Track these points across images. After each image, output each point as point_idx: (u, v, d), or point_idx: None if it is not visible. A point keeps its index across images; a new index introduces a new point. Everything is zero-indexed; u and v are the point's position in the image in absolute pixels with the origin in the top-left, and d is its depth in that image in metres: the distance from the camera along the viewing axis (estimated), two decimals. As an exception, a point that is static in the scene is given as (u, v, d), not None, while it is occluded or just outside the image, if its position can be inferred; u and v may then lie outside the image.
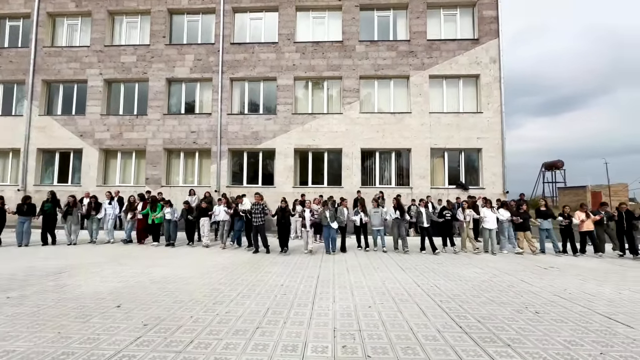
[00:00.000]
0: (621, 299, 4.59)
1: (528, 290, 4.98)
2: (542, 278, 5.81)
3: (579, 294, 4.84)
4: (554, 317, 3.84)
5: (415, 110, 13.11)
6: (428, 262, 7.18)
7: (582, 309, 4.13)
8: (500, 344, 3.10)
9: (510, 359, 2.81)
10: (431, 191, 12.52)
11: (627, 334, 3.36)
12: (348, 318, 3.72)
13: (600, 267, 6.97)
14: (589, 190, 32.24)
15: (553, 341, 3.17)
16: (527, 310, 4.08)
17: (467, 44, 13.28)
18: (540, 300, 4.48)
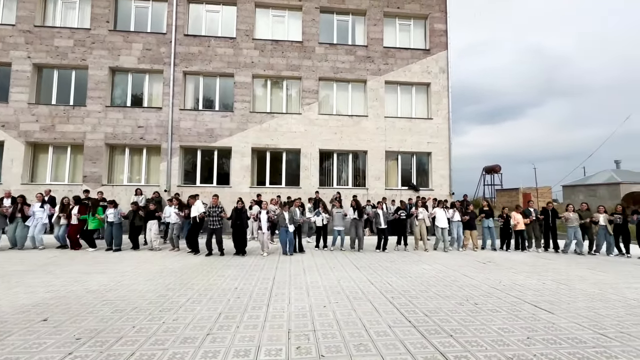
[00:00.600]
0: (545, 289, 5.19)
1: (469, 284, 5.41)
2: (481, 272, 6.36)
3: (511, 285, 5.38)
4: (490, 307, 4.22)
5: (372, 114, 13.58)
6: (382, 261, 7.46)
7: (513, 299, 4.59)
8: (444, 334, 3.33)
9: (451, 347, 3.02)
10: (385, 192, 13.05)
11: (549, 319, 3.81)
12: (303, 319, 3.71)
13: (529, 260, 7.82)
14: (520, 192, 36.02)
15: (489, 329, 3.48)
16: (468, 302, 4.43)
17: (419, 53, 14.09)
18: (479, 293, 4.90)
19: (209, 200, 8.66)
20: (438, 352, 2.94)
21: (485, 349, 3.01)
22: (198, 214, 8.07)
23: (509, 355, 2.88)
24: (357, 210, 8.90)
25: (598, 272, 6.56)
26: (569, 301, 4.52)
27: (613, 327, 3.59)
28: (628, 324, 3.70)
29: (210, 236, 7.86)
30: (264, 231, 8.20)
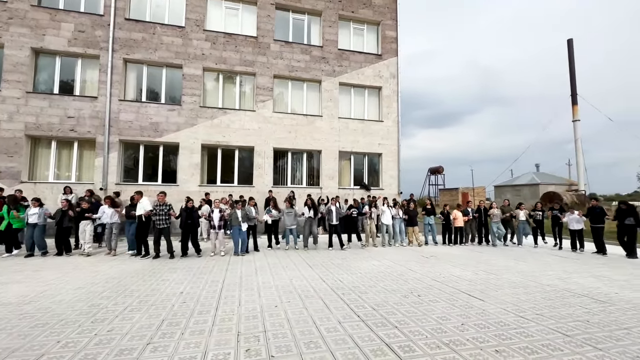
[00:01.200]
0: (477, 279, 5.74)
1: (413, 278, 5.78)
2: (424, 266, 6.82)
3: (449, 277, 5.86)
4: (431, 298, 4.55)
5: (326, 114, 13.78)
6: (334, 258, 7.62)
7: (451, 289, 5.01)
8: (390, 326, 3.51)
9: (396, 338, 3.20)
10: (339, 191, 13.35)
11: (480, 306, 4.22)
12: (254, 320, 3.64)
13: (465, 254, 8.59)
14: (460, 192, 39.43)
15: (429, 319, 3.75)
16: (412, 294, 4.73)
17: (372, 58, 14.63)
18: (422, 285, 5.26)
19: (153, 198, 8.05)
20: (384, 343, 3.09)
21: (426, 337, 3.25)
22: (144, 212, 7.45)
23: (445, 341, 3.14)
24: (313, 209, 8.98)
25: (520, 262, 7.45)
26: (496, 289, 5.06)
27: (531, 310, 4.10)
28: (542, 306, 4.26)
29: (157, 237, 7.33)
30: (217, 230, 7.90)
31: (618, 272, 6.43)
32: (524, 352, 2.93)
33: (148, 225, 7.61)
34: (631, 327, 3.55)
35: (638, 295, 4.84)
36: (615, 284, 5.47)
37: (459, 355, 2.87)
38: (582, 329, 3.50)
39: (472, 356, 2.85)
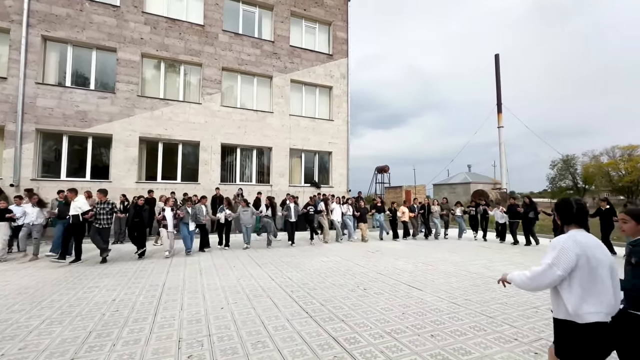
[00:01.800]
0: (417, 270, 6.19)
1: (360, 272, 6.02)
2: (370, 260, 7.15)
3: (392, 270, 6.22)
4: (375, 291, 4.79)
5: (277, 111, 13.61)
6: (283, 256, 7.58)
7: (393, 282, 5.33)
8: (337, 320, 3.61)
9: (343, 332, 3.30)
10: (289, 189, 13.30)
11: (419, 296, 4.56)
12: (197, 324, 3.46)
13: (407, 248, 9.20)
14: (404, 189, 42.07)
15: (374, 310, 3.94)
16: (358, 288, 4.92)
17: (323, 57, 14.81)
18: (368, 279, 5.50)
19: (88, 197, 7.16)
20: (331, 337, 3.17)
21: (370, 328, 3.41)
22: (82, 211, 6.57)
23: (388, 330, 3.33)
24: (271, 208, 8.92)
25: (453, 254, 8.21)
26: (433, 279, 5.51)
27: (461, 296, 4.55)
28: (470, 292, 4.75)
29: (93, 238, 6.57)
30: (169, 230, 7.38)
31: (529, 259, 7.44)
32: (454, 335, 3.24)
33: (84, 226, 6.77)
34: (539, 306, 4.14)
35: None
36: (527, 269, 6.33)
37: (399, 342, 3.07)
38: (501, 310, 3.99)
39: (410, 342, 3.07)
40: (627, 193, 32.17)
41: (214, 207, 10.52)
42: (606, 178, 34.19)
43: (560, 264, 1.76)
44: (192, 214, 7.61)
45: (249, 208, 8.90)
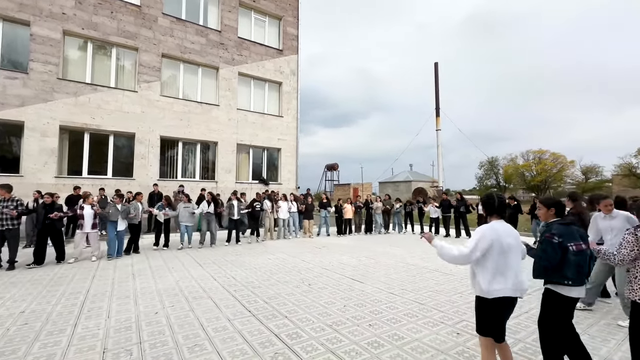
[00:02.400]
0: (360, 264, 6.47)
1: (306, 268, 6.09)
2: (316, 256, 7.27)
3: (337, 264, 6.41)
4: (320, 286, 4.89)
5: (224, 104, 13.05)
6: (227, 255, 7.33)
7: (338, 276, 5.49)
8: (280, 317, 3.61)
9: (285, 328, 3.32)
10: (236, 185, 12.88)
11: (361, 288, 4.77)
12: (126, 332, 3.19)
13: (352, 243, 9.55)
14: (352, 187, 43.53)
15: (317, 305, 4.03)
16: (303, 284, 4.98)
17: (273, 52, 14.57)
18: (313, 274, 5.59)
19: None
20: (273, 334, 3.16)
21: (313, 322, 3.48)
22: None
23: (329, 323, 3.43)
24: (214, 203, 8.48)
25: (394, 247, 8.75)
26: (374, 272, 5.81)
27: (398, 286, 4.87)
28: (406, 282, 5.12)
29: None
30: (87, 230, 6.55)
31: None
32: (390, 323, 3.47)
33: None
34: (463, 292, 4.62)
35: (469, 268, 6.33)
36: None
37: (339, 333, 3.18)
38: (432, 297, 4.37)
39: (350, 333, 3.21)
40: (537, 190, 37.45)
41: (152, 204, 9.74)
42: (521, 178, 39.38)
43: (478, 248, 2.16)
44: (121, 211, 6.92)
45: (190, 204, 8.40)
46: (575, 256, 2.19)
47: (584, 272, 2.23)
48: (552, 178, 37.30)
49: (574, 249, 2.19)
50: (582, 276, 2.22)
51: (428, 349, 2.89)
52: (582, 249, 2.22)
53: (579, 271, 2.20)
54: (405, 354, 2.80)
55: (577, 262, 2.19)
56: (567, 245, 2.19)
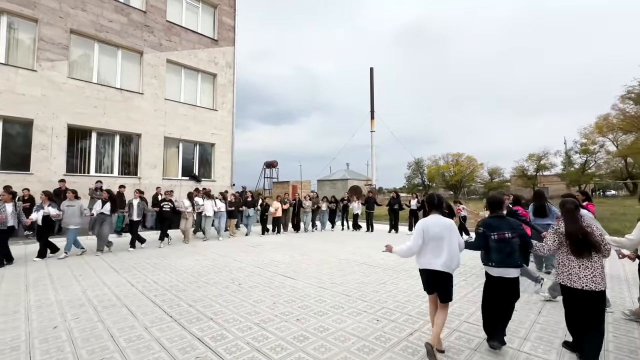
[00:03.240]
0: (293, 261, 6.53)
1: (238, 267, 5.93)
2: (249, 255, 7.12)
3: (270, 262, 6.38)
4: (250, 284, 4.81)
5: (149, 93, 11.88)
6: (151, 258, 6.73)
7: (270, 274, 5.47)
8: (205, 320, 3.45)
9: (210, 330, 3.19)
10: (163, 182, 11.86)
11: (291, 284, 4.83)
12: (12, 354, 2.71)
13: (285, 241, 9.57)
14: (290, 185, 43.61)
15: (246, 304, 3.96)
16: (233, 284, 4.84)
17: (207, 41, 13.75)
18: (244, 273, 5.47)
19: None
20: (196, 338, 3.01)
21: (240, 321, 3.41)
22: None
23: (257, 322, 3.41)
24: (111, 203, 7.14)
25: (327, 243, 9.04)
26: (306, 268, 5.93)
27: (328, 280, 5.06)
28: (336, 275, 5.34)
29: None
30: None
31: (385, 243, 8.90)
32: (317, 316, 3.59)
33: None
34: (386, 282, 5.01)
35: (392, 259, 6.85)
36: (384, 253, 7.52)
37: (266, 331, 3.18)
38: (358, 288, 4.64)
39: (277, 329, 3.23)
40: (454, 189, 42.37)
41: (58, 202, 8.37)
42: (442, 177, 44.11)
43: (418, 238, 2.80)
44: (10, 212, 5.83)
45: (77, 202, 6.87)
46: (497, 243, 2.74)
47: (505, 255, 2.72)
48: (466, 178, 42.58)
49: (495, 237, 2.75)
50: (504, 259, 2.72)
51: (350, 337, 3.07)
52: (504, 237, 2.73)
53: (500, 255, 2.72)
54: (329, 343, 2.93)
55: (498, 248, 2.73)
56: (489, 235, 2.77)
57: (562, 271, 2.67)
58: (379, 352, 2.78)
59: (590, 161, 33.63)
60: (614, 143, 31.49)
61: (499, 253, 2.72)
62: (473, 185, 43.52)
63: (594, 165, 33.61)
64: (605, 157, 32.96)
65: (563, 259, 2.69)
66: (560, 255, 2.72)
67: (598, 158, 33.40)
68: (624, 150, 28.24)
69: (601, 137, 31.71)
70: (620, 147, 29.79)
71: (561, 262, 2.70)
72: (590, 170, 33.14)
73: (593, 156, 33.36)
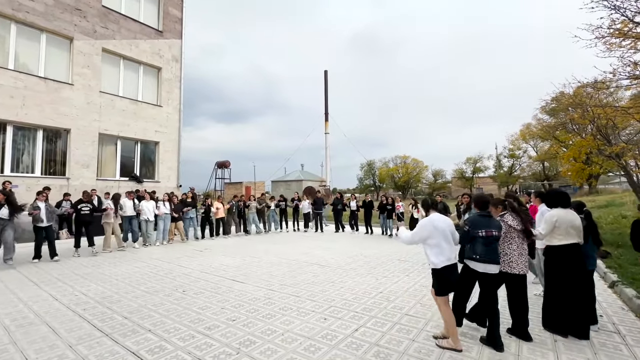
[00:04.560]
0: (243, 264, 6.37)
1: (182, 273, 5.60)
2: (196, 260, 6.78)
3: (219, 266, 6.14)
4: (195, 291, 4.58)
5: (80, 84, 10.69)
6: (81, 267, 6.06)
7: (217, 278, 5.26)
8: (142, 332, 3.21)
9: (147, 342, 2.98)
10: (97, 183, 10.75)
11: (241, 288, 4.70)
12: None
13: (235, 243, 9.29)
14: (244, 185, 42.40)
15: (190, 312, 3.76)
16: (177, 291, 4.57)
17: (150, 32, 12.80)
18: (190, 279, 5.19)
19: None
20: (130, 352, 2.79)
21: (182, 331, 3.23)
22: None
23: (201, 329, 3.26)
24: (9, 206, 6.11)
25: (278, 244, 8.97)
26: (256, 270, 5.82)
27: (278, 282, 5.02)
28: (286, 277, 5.32)
29: None
30: None
31: (337, 244, 9.11)
32: (265, 319, 3.54)
33: None
34: (335, 281, 5.12)
35: (342, 259, 7.04)
36: (334, 252, 7.70)
37: (210, 338, 3.06)
38: (308, 289, 4.68)
39: (222, 335, 3.12)
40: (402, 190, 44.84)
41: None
42: (391, 179, 46.42)
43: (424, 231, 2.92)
44: None
45: None
46: (484, 239, 2.92)
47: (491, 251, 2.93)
48: (413, 179, 45.34)
49: (483, 234, 2.93)
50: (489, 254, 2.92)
51: (297, 337, 3.09)
52: (491, 235, 2.94)
53: (486, 249, 2.91)
54: (276, 346, 2.91)
55: (484, 243, 2.92)
56: (477, 232, 2.94)
57: (503, 260, 3.04)
58: (325, 351, 2.84)
59: (516, 165, 38.09)
60: (534, 149, 36.00)
61: (485, 247, 2.93)
62: (419, 186, 46.47)
63: (519, 168, 38.12)
64: (528, 161, 37.57)
65: (505, 249, 3.07)
66: (502, 245, 3.08)
67: (522, 162, 37.97)
68: (541, 156, 32.46)
69: (525, 144, 36.05)
70: (539, 152, 34.16)
71: (502, 252, 3.06)
72: (516, 172, 37.50)
73: (518, 160, 37.82)
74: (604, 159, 8.05)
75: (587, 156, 9.01)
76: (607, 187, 27.30)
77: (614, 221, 9.63)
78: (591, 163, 9.36)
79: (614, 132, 8.03)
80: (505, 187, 35.72)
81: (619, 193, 19.38)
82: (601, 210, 12.20)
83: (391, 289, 4.67)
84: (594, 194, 21.81)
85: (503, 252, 3.07)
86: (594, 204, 14.33)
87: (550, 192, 3.59)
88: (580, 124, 8.73)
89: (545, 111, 19.60)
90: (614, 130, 8.01)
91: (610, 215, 10.66)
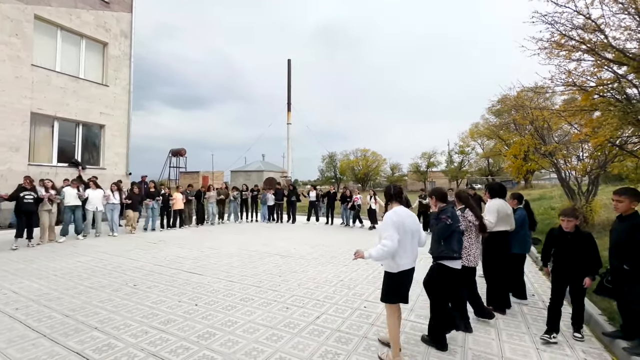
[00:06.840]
0: (202, 256, 6.12)
1: (133, 267, 5.23)
2: (149, 252, 6.36)
3: (175, 259, 5.83)
4: (149, 285, 4.32)
5: (6, 55, 9.30)
6: (11, 263, 5.38)
7: (173, 271, 5.00)
8: (87, 330, 2.96)
9: (93, 341, 2.75)
10: (30, 168, 9.54)
11: (198, 281, 4.52)
12: None
13: (193, 235, 8.89)
14: (201, 175, 40.55)
15: (142, 307, 3.54)
16: (127, 286, 4.26)
17: (94, 2, 11.48)
18: (142, 273, 4.87)
19: None
20: (73, 353, 2.56)
21: (134, 327, 3.03)
22: None
23: (155, 324, 3.09)
24: None
25: (238, 235, 8.76)
26: (216, 262, 5.63)
27: (238, 274, 4.91)
28: (247, 268, 5.23)
29: None
30: None
31: (298, 234, 9.13)
32: (225, 310, 3.45)
33: None
34: (297, 270, 5.14)
35: (304, 249, 7.09)
36: (295, 243, 7.71)
37: (166, 333, 2.91)
38: (269, 279, 4.64)
39: (179, 329, 2.99)
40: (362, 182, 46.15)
41: None
42: (352, 171, 47.49)
43: (394, 232, 2.43)
44: None
45: None
46: (459, 235, 2.78)
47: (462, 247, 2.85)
48: (372, 172, 46.81)
49: (461, 228, 2.90)
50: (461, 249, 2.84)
51: (259, 327, 3.06)
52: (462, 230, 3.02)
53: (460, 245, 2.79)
54: (237, 337, 2.86)
55: (459, 239, 2.78)
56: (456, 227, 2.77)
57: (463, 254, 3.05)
58: (287, 339, 2.85)
59: (465, 160, 41.06)
60: (481, 146, 39.05)
61: (458, 243, 2.76)
62: (378, 179, 48.14)
63: (468, 164, 41.16)
64: (475, 157, 40.70)
65: (465, 243, 3.15)
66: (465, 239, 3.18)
67: (470, 158, 41.02)
68: (487, 153, 35.36)
69: (473, 142, 38.92)
70: (485, 150, 37.13)
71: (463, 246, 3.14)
72: (465, 167, 40.46)
73: (467, 156, 40.78)
74: (539, 157, 8.97)
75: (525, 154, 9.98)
76: (539, 182, 30.62)
77: (544, 212, 10.90)
78: (529, 160, 10.39)
79: (549, 133, 8.97)
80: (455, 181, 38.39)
81: (549, 188, 21.82)
82: (534, 203, 13.65)
83: (351, 276, 4.82)
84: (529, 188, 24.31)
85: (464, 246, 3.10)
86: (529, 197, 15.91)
87: (493, 185, 3.95)
88: (521, 124, 9.60)
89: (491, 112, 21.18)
90: (549, 131, 8.95)
91: (541, 207, 12.02)
